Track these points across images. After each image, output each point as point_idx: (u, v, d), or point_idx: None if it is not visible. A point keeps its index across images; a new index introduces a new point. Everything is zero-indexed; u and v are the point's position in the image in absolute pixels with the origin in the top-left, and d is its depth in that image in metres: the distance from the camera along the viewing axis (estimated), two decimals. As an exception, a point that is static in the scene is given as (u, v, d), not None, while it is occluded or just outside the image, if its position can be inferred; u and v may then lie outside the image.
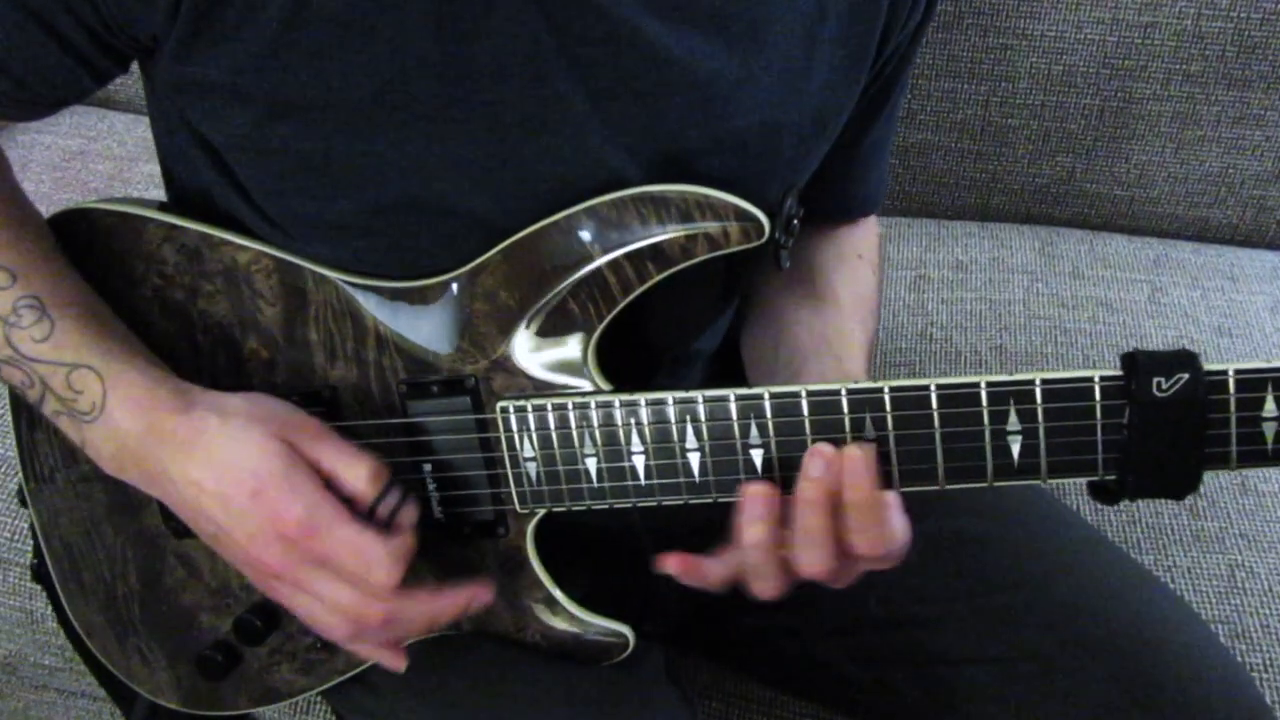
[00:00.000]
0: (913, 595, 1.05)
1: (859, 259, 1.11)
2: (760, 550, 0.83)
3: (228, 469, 0.83)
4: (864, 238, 1.13)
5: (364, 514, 0.84)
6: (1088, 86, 1.62)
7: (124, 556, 0.99)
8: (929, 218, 1.76)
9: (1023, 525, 1.07)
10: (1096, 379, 0.77)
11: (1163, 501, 1.32)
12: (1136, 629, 1.00)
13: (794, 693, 1.18)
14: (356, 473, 0.84)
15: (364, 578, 0.83)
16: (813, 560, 0.83)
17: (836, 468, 0.80)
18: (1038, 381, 0.77)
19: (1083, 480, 0.80)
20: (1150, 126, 1.64)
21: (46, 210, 0.95)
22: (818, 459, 0.80)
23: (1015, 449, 0.79)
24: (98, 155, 1.88)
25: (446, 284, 0.88)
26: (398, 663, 0.90)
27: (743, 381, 0.99)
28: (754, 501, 0.83)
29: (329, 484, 0.84)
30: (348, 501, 0.84)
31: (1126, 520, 1.31)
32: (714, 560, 0.87)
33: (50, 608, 1.06)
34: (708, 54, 0.84)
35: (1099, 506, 1.31)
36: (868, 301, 1.08)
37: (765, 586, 0.86)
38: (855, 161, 1.06)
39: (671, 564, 0.87)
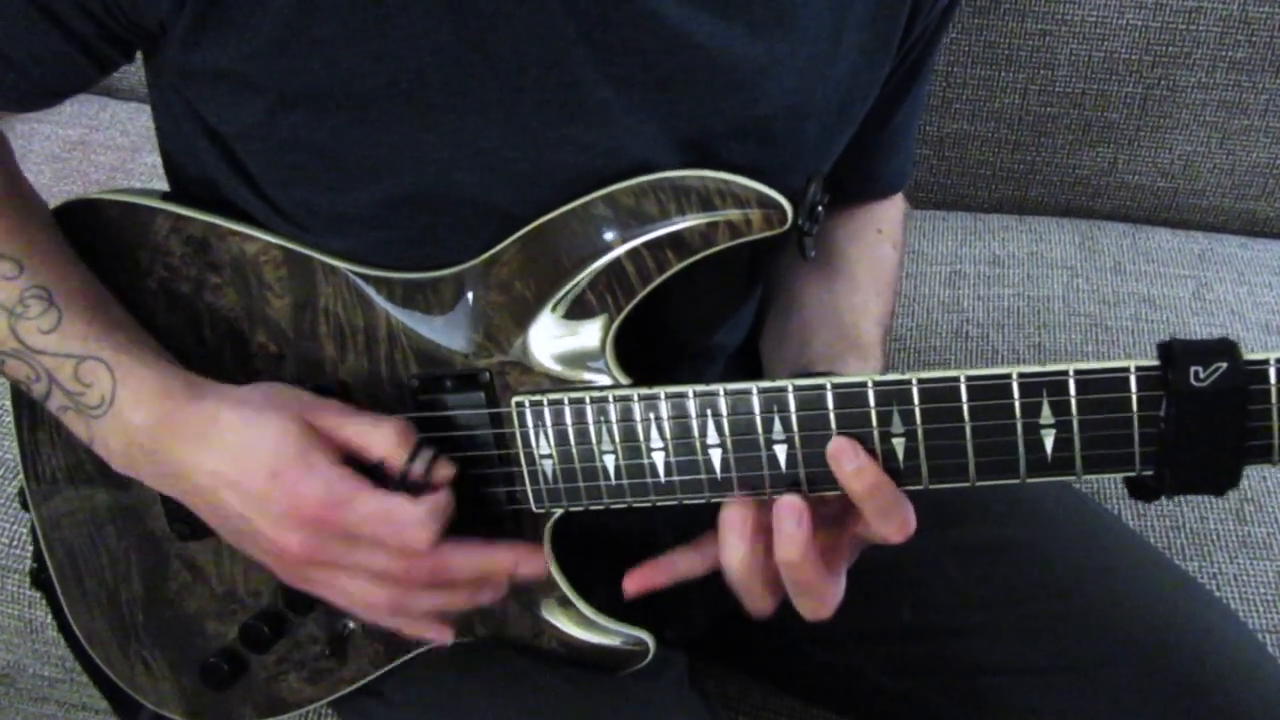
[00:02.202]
0: (947, 604, 1.04)
1: (878, 234, 1.10)
2: (743, 570, 0.82)
3: (243, 454, 0.82)
4: (885, 212, 1.12)
5: (397, 477, 0.83)
6: (1130, 74, 1.61)
7: (127, 560, 0.98)
8: (965, 211, 1.75)
9: (1061, 531, 1.06)
10: (1132, 369, 0.75)
11: (1208, 506, 1.31)
12: (1180, 638, 0.98)
13: (822, 704, 1.17)
14: (383, 436, 0.84)
15: (400, 541, 0.82)
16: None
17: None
18: (1071, 373, 0.75)
19: (1120, 477, 0.78)
20: (1195, 115, 1.63)
21: (47, 202, 0.94)
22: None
23: (1049, 443, 0.77)
24: (100, 146, 1.86)
25: (460, 276, 0.87)
26: (445, 635, 0.89)
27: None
28: (728, 522, 0.82)
29: (357, 456, 0.83)
30: (380, 471, 0.83)
31: (1170, 525, 1.30)
32: (687, 553, 0.87)
33: (50, 616, 1.06)
34: (731, 39, 0.83)
35: (1141, 511, 1.30)
36: (884, 276, 1.07)
37: (755, 604, 0.85)
38: (879, 144, 1.05)
39: (632, 585, 0.87)
